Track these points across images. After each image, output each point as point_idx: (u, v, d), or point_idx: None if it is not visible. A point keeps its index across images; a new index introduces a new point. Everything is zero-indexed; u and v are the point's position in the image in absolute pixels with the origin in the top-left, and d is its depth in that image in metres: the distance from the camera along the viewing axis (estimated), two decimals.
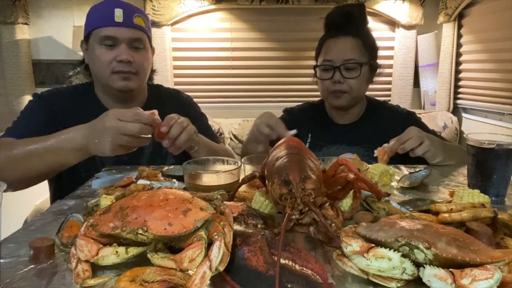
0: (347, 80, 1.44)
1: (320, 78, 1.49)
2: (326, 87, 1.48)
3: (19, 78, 3.00)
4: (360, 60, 1.44)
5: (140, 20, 1.35)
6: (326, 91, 1.49)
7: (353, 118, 1.57)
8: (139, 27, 1.35)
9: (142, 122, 1.04)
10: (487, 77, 2.78)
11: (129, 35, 1.32)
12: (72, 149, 1.10)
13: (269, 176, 0.78)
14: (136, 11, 1.35)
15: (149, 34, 1.42)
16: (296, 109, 1.68)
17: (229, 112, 3.24)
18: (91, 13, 1.37)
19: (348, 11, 1.47)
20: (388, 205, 0.84)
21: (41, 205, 2.52)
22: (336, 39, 1.46)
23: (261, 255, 0.55)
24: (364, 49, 1.46)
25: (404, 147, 1.20)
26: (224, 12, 3.15)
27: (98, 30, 1.31)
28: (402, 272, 0.54)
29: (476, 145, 0.97)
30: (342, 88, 1.44)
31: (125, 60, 1.31)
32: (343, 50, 1.44)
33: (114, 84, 1.34)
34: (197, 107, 1.63)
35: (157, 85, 1.61)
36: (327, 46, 1.48)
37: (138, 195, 0.66)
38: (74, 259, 0.61)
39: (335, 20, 1.48)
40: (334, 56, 1.44)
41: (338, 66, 1.43)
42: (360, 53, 1.45)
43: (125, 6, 1.33)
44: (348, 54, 1.43)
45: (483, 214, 0.71)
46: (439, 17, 3.11)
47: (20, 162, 1.11)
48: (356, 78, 1.44)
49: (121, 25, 1.30)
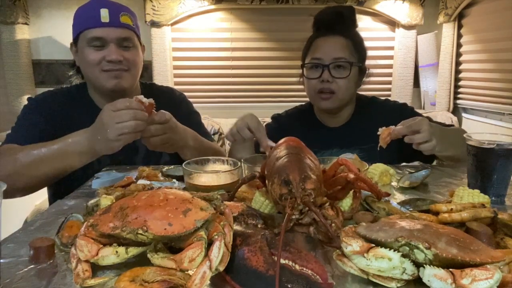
0: (335, 80, 1.39)
1: (308, 77, 1.45)
2: (313, 87, 1.43)
3: (19, 78, 3.00)
4: (350, 59, 1.40)
5: (127, 18, 1.34)
6: (313, 91, 1.44)
7: (343, 120, 1.53)
8: (126, 26, 1.34)
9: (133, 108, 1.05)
10: (487, 77, 2.78)
11: (117, 34, 1.31)
12: (79, 152, 1.11)
13: (269, 176, 0.78)
14: (122, 10, 1.34)
15: (137, 31, 1.41)
16: (284, 115, 1.62)
17: (229, 112, 3.24)
18: (77, 15, 1.36)
19: (339, 11, 1.45)
20: (388, 205, 0.84)
21: (41, 205, 2.52)
22: (326, 38, 1.43)
23: (261, 255, 0.55)
24: (353, 49, 1.43)
25: (413, 139, 1.14)
26: (224, 12, 3.15)
27: (85, 32, 1.31)
28: (402, 272, 0.54)
29: (476, 145, 0.97)
30: (331, 87, 1.40)
31: (114, 60, 1.30)
32: (333, 49, 1.40)
33: (106, 83, 1.33)
34: (190, 105, 1.62)
35: (150, 84, 1.61)
36: (316, 45, 1.44)
37: (138, 195, 0.66)
38: (74, 259, 0.61)
39: (326, 19, 1.45)
40: (323, 54, 1.40)
41: (327, 65, 1.39)
42: (350, 53, 1.41)
43: (110, 5, 1.32)
44: (338, 52, 1.40)
45: (483, 214, 0.71)
46: (439, 17, 3.10)
47: (27, 168, 1.12)
48: (345, 78, 1.40)
49: (108, 25, 1.30)
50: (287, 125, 1.56)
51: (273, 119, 1.63)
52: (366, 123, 1.44)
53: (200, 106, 1.59)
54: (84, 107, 1.40)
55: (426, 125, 1.14)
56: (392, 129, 1.15)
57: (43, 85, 3.09)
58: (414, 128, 1.13)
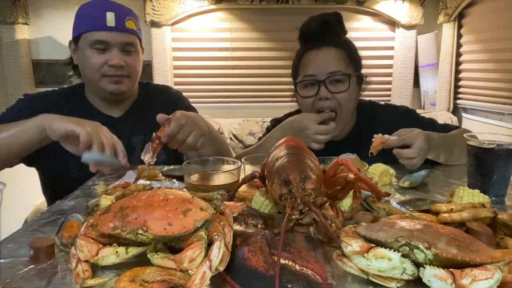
0: (334, 96, 1.28)
1: (303, 96, 1.32)
2: (309, 106, 1.31)
3: (19, 78, 3.00)
4: (347, 71, 1.29)
5: (132, 23, 1.34)
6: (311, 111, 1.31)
7: (346, 133, 1.42)
8: (131, 31, 1.34)
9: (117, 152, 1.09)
10: (487, 77, 2.78)
11: (122, 39, 1.31)
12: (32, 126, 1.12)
13: (269, 176, 0.78)
14: (128, 14, 1.34)
15: (140, 36, 1.41)
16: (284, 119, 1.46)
17: (229, 112, 3.24)
18: (81, 15, 1.34)
19: (325, 19, 1.32)
20: (388, 205, 0.84)
21: (41, 205, 2.52)
22: (317, 51, 1.31)
23: (261, 255, 0.55)
24: (348, 59, 1.31)
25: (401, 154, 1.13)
26: (224, 12, 3.15)
27: (89, 33, 1.30)
28: (402, 272, 0.54)
29: (476, 145, 0.97)
30: (331, 105, 1.28)
31: (117, 64, 1.30)
32: (326, 62, 1.29)
33: (106, 87, 1.33)
34: (186, 101, 1.61)
35: (147, 83, 1.61)
36: (307, 60, 1.32)
37: (138, 195, 0.66)
38: (74, 259, 0.61)
39: (312, 30, 1.33)
40: (316, 69, 1.29)
41: (323, 80, 1.27)
42: (345, 64, 1.30)
43: (116, 8, 1.31)
44: (333, 66, 1.28)
45: (483, 214, 0.71)
46: (439, 17, 3.10)
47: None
48: (345, 92, 1.28)
49: (113, 29, 1.29)
50: None
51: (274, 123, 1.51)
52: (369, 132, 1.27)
53: (200, 106, 1.59)
54: (80, 108, 1.40)
55: (420, 140, 1.13)
56: (385, 138, 1.15)
57: (43, 85, 3.10)
58: (407, 142, 1.13)
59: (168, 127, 1.07)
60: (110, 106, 1.43)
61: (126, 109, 1.46)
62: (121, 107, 1.45)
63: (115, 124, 1.29)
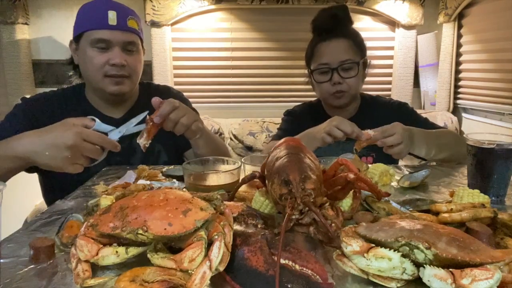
0: (345, 80, 1.50)
1: (318, 82, 1.54)
2: (326, 90, 1.54)
3: (19, 78, 3.00)
4: (355, 59, 1.50)
5: (134, 22, 1.34)
6: (326, 93, 1.55)
7: (349, 114, 1.62)
8: (133, 30, 1.34)
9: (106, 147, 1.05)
10: (487, 77, 2.78)
11: (123, 38, 1.31)
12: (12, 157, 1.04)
13: (269, 176, 0.78)
14: (129, 13, 1.34)
15: (141, 36, 1.41)
16: (297, 110, 1.74)
17: (229, 112, 3.24)
18: (82, 13, 1.34)
19: (334, 13, 1.51)
20: (388, 205, 0.84)
21: (41, 205, 2.52)
22: (329, 42, 1.51)
23: (261, 255, 0.55)
24: (355, 47, 1.51)
25: (385, 142, 1.20)
26: (224, 12, 3.15)
27: (90, 32, 1.30)
28: (402, 272, 0.54)
29: (476, 145, 0.97)
30: (343, 88, 1.50)
31: (118, 64, 1.30)
32: (338, 52, 1.49)
33: (107, 88, 1.33)
34: (188, 102, 1.60)
35: (147, 83, 1.60)
36: (320, 50, 1.53)
37: (138, 195, 0.66)
38: (74, 259, 0.61)
39: (323, 23, 1.52)
40: (329, 59, 1.49)
41: (335, 68, 1.48)
42: (353, 53, 1.50)
43: (118, 8, 1.31)
44: (343, 55, 1.48)
45: (483, 214, 0.71)
46: (439, 17, 3.10)
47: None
48: (354, 77, 1.50)
49: (115, 28, 1.29)
50: (301, 118, 1.67)
51: (287, 114, 1.74)
52: (369, 119, 1.50)
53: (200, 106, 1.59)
54: (80, 108, 1.39)
55: (400, 129, 1.21)
56: (370, 135, 1.20)
57: (43, 85, 3.10)
58: (388, 133, 1.20)
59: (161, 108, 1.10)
60: (111, 107, 1.43)
61: (127, 110, 1.46)
62: (121, 108, 1.45)
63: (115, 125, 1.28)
